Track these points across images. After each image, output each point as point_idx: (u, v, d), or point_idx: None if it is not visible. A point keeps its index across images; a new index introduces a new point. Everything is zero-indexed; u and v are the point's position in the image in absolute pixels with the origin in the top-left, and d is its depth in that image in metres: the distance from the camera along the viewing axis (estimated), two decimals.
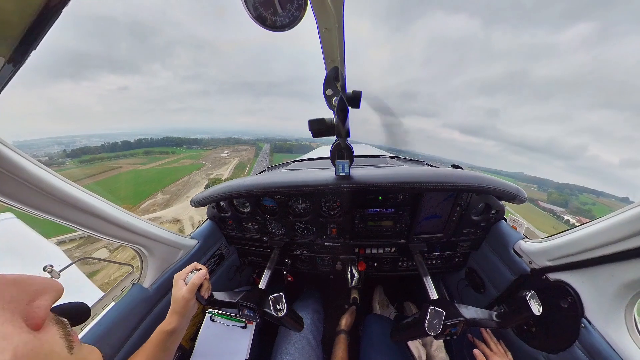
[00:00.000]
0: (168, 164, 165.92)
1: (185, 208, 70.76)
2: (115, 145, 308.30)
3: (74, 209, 0.85)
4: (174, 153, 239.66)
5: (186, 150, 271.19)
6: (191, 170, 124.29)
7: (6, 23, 0.49)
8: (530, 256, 1.14)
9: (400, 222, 1.51)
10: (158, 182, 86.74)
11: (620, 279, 0.81)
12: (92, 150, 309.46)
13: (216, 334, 1.26)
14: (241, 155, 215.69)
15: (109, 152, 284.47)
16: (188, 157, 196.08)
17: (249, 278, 2.28)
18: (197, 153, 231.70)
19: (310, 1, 0.59)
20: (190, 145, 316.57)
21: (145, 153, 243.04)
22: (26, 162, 0.72)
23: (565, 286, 0.97)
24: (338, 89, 0.92)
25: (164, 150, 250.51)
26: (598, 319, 0.87)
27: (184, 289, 0.95)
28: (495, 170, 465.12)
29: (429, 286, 1.25)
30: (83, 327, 0.94)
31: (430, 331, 0.92)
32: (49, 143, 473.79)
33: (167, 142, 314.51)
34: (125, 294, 1.11)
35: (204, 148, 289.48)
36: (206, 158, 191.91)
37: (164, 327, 0.93)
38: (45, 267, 0.88)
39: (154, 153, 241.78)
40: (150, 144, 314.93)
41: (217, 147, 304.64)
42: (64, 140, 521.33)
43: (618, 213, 0.78)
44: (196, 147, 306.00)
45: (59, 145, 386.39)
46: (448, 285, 2.03)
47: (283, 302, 1.03)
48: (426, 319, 0.94)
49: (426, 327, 0.93)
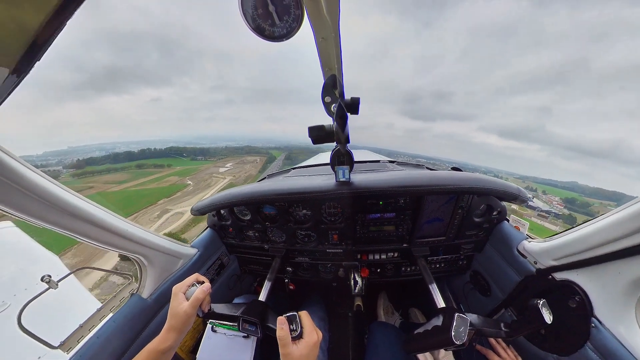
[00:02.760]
0: (146, 184, 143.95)
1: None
2: (117, 156, 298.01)
3: (72, 217, 0.84)
4: (169, 166, 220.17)
5: (187, 162, 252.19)
6: (169, 192, 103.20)
7: (11, 34, 0.50)
8: (534, 256, 1.13)
9: (402, 227, 1.50)
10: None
11: (627, 276, 0.79)
12: (98, 160, 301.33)
13: (218, 345, 1.23)
14: (242, 170, 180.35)
15: (112, 164, 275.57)
16: (178, 174, 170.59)
17: (249, 287, 2.24)
18: (194, 167, 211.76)
19: (307, 12, 0.61)
20: (195, 155, 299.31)
21: (137, 166, 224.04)
22: (25, 169, 0.71)
23: (573, 285, 0.95)
24: (336, 96, 0.94)
25: (159, 164, 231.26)
26: (608, 317, 0.85)
27: (186, 304, 0.87)
28: (546, 180, 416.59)
29: (435, 293, 1.22)
30: (79, 339, 0.91)
31: (457, 340, 0.87)
32: (93, 149, 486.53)
33: (171, 152, 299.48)
34: (124, 304, 1.09)
35: (208, 159, 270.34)
36: (198, 174, 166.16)
37: (158, 345, 0.83)
38: (43, 277, 0.87)
39: (147, 166, 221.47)
40: (153, 154, 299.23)
41: (224, 157, 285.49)
42: (107, 147, 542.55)
43: (622, 209, 0.78)
44: (201, 157, 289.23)
45: (100, 151, 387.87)
46: (453, 288, 1.99)
47: (297, 322, 0.90)
48: (452, 326, 0.89)
49: (453, 335, 0.88)
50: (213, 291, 1.65)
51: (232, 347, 1.21)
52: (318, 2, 0.62)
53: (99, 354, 0.91)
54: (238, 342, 1.23)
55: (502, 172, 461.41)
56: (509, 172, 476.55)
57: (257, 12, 0.59)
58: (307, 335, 0.80)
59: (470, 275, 1.67)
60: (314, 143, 1.09)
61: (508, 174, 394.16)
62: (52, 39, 0.55)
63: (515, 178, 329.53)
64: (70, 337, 0.94)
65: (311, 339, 0.80)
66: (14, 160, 0.68)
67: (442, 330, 0.94)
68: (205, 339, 1.24)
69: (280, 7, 0.58)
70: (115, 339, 0.97)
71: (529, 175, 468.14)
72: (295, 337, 0.81)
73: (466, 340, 0.88)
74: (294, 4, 0.59)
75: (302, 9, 0.60)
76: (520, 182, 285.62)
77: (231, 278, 1.86)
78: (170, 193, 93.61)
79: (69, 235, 0.86)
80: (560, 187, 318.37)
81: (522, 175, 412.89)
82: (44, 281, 0.87)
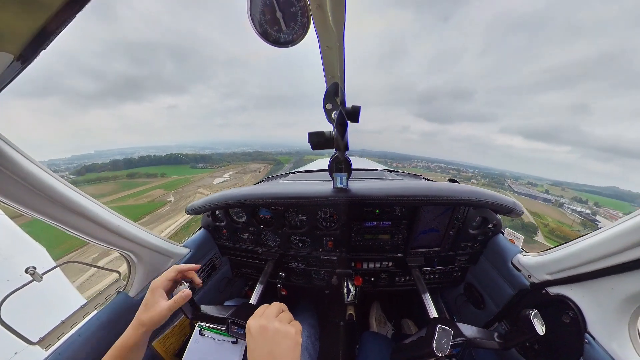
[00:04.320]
0: (125, 199, 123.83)
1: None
2: (116, 163, 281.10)
3: (63, 209, 0.81)
4: (162, 176, 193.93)
5: (184, 171, 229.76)
6: (142, 212, 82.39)
7: (18, 22, 0.51)
8: (529, 270, 1.13)
9: (397, 236, 1.50)
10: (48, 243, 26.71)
11: (621, 292, 0.80)
12: (98, 167, 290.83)
13: (205, 349, 1.18)
14: (239, 182, 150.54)
15: (110, 171, 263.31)
16: (165, 186, 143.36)
17: (240, 290, 2.19)
18: (189, 176, 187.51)
19: (313, 21, 0.63)
20: (196, 163, 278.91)
21: (128, 176, 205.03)
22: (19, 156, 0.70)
23: (566, 300, 0.95)
24: (337, 104, 0.96)
25: (152, 172, 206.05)
26: (601, 334, 0.85)
27: (164, 304, 0.80)
28: (581, 186, 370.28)
29: (428, 303, 1.21)
30: (60, 336, 0.88)
31: (439, 352, 0.87)
32: (115, 153, 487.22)
33: (171, 159, 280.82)
34: (109, 302, 1.05)
35: (209, 167, 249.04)
36: (187, 187, 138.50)
37: (126, 341, 0.77)
38: (27, 268, 0.84)
39: (139, 176, 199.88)
40: (152, 162, 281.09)
41: (226, 165, 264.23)
42: (128, 151, 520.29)
43: (617, 224, 0.79)
44: (202, 165, 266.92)
45: (120, 155, 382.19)
46: (447, 300, 1.97)
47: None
48: (434, 338, 0.90)
49: (434, 347, 0.88)
50: (203, 293, 1.62)
51: (220, 352, 1.17)
52: (324, 11, 0.65)
53: (79, 352, 0.87)
54: (226, 347, 1.19)
55: (530, 176, 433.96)
56: (537, 177, 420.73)
57: (265, 18, 0.61)
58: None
59: (464, 287, 1.66)
60: (313, 149, 1.10)
61: (537, 179, 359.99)
62: (60, 29, 0.55)
63: (550, 184, 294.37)
64: (50, 333, 0.90)
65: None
66: (9, 147, 0.68)
67: (425, 341, 0.94)
68: (192, 343, 1.20)
69: (287, 14, 0.60)
70: (98, 338, 0.93)
71: (562, 181, 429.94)
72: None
73: (453, 352, 0.88)
74: (301, 12, 0.61)
75: (309, 18, 0.62)
76: (557, 189, 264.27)
77: (222, 281, 1.83)
78: (143, 213, 71.19)
79: (60, 227, 0.84)
80: (604, 195, 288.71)
81: (556, 181, 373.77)
82: (28, 273, 0.84)
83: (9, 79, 0.61)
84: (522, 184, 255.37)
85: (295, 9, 0.60)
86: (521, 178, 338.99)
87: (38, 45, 0.56)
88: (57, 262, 1.05)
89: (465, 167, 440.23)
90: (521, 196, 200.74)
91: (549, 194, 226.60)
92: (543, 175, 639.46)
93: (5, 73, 0.56)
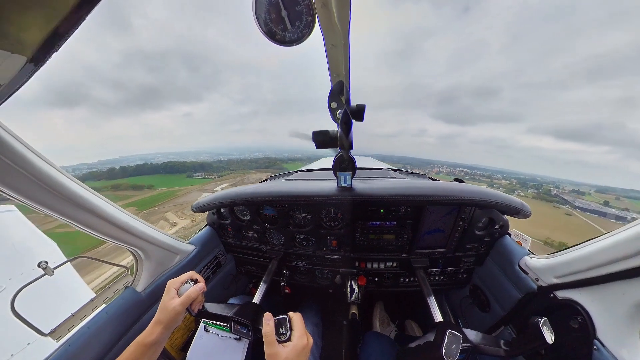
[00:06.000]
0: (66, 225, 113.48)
1: None
2: (112, 171, 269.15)
3: (74, 206, 0.84)
4: (149, 188, 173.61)
5: (176, 182, 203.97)
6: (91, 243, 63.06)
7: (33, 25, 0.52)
8: (536, 273, 1.10)
9: (402, 236, 1.49)
10: None
11: (632, 297, 0.77)
12: (97, 175, 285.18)
13: (209, 345, 1.20)
14: None
15: (107, 180, 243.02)
16: (139, 204, 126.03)
17: (244, 288, 2.22)
18: (177, 189, 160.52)
19: (319, 19, 0.63)
20: (193, 172, 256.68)
21: (113, 188, 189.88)
22: (32, 155, 0.72)
23: (575, 305, 0.93)
24: (342, 102, 0.96)
25: (139, 184, 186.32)
26: (611, 340, 0.83)
27: (177, 301, 0.86)
28: (627, 191, 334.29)
29: (433, 307, 1.20)
30: (70, 328, 0.90)
31: (448, 358, 0.86)
32: (136, 158, 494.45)
33: (168, 168, 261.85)
34: (117, 296, 1.08)
35: (207, 177, 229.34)
36: (164, 205, 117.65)
37: (144, 339, 0.82)
38: (40, 263, 0.87)
39: (123, 188, 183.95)
40: (148, 170, 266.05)
41: (224, 175, 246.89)
42: (149, 156, 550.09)
43: (628, 227, 0.76)
44: (200, 174, 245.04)
45: (140, 161, 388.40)
46: (452, 302, 1.95)
47: (287, 326, 0.89)
48: (444, 343, 0.88)
49: (444, 352, 0.87)
50: (208, 290, 1.64)
51: (223, 348, 1.19)
52: (329, 10, 0.64)
53: (88, 344, 0.90)
54: (230, 344, 1.20)
55: (564, 181, 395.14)
56: (574, 182, 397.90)
57: (270, 17, 0.61)
58: (297, 339, 0.78)
59: (469, 289, 1.64)
60: (317, 147, 1.10)
61: (573, 184, 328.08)
62: (71, 32, 0.57)
63: (596, 192, 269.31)
64: (61, 325, 0.93)
65: (300, 342, 0.77)
66: (22, 146, 0.70)
67: (434, 346, 0.92)
68: (196, 338, 1.22)
69: (292, 13, 0.60)
70: (106, 331, 0.96)
71: (606, 186, 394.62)
72: (283, 340, 0.78)
73: (458, 357, 0.86)
74: (306, 10, 0.61)
75: (314, 16, 0.62)
76: (610, 197, 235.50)
77: (227, 278, 1.85)
78: (91, 245, 52.02)
79: (70, 223, 0.86)
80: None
81: (599, 186, 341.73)
82: (40, 267, 0.87)
83: (23, 80, 0.63)
84: (565, 192, 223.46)
85: (301, 7, 0.60)
86: (555, 183, 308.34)
87: (50, 47, 0.57)
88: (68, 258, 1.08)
89: (490, 171, 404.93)
90: (586, 213, 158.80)
91: (619, 210, 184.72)
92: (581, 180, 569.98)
93: (19, 75, 0.58)
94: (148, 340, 0.82)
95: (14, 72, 0.56)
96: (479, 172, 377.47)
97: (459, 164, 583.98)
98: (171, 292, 0.89)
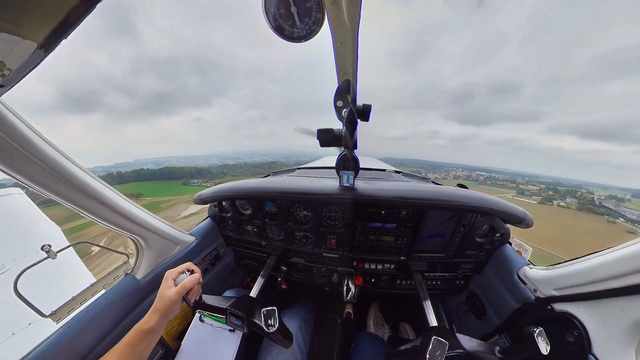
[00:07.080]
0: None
1: None
2: (110, 177, 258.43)
3: (79, 192, 0.85)
4: (137, 197, 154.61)
5: (168, 190, 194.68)
6: None
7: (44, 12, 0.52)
8: (535, 284, 1.09)
9: (401, 239, 1.48)
10: None
11: (631, 315, 0.76)
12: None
13: (203, 335, 1.22)
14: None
15: None
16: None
17: (242, 281, 2.24)
18: (158, 201, 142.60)
19: (328, 16, 0.62)
20: (190, 178, 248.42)
21: None
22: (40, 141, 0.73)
23: (572, 318, 0.92)
24: (348, 101, 0.95)
25: (128, 193, 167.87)
26: (606, 356, 0.82)
27: (173, 290, 0.89)
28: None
29: (428, 311, 1.19)
30: (70, 311, 0.92)
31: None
32: (150, 162, 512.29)
33: (164, 174, 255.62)
34: (117, 282, 1.10)
35: (203, 184, 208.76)
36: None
37: (142, 325, 0.85)
38: (43, 246, 0.88)
39: None
40: (145, 176, 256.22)
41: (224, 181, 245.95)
42: (161, 160, 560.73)
43: (630, 244, 0.75)
44: (196, 181, 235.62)
45: (153, 165, 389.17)
46: (447, 308, 1.95)
47: (276, 317, 0.96)
48: (428, 349, 0.89)
49: (427, 358, 0.88)
50: (205, 281, 1.67)
51: (217, 339, 1.21)
52: (339, 7, 0.64)
53: (87, 328, 0.91)
54: (224, 335, 1.22)
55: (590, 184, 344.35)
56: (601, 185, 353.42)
57: (279, 12, 0.61)
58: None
59: (466, 296, 1.63)
60: (321, 146, 1.10)
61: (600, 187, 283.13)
62: (81, 19, 0.57)
63: (633, 196, 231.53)
64: (61, 308, 0.96)
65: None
66: (32, 132, 0.71)
67: (418, 351, 0.92)
68: (192, 328, 1.24)
69: (302, 9, 0.60)
70: (104, 316, 0.98)
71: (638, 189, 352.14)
72: (271, 332, 0.87)
73: None
74: (316, 7, 0.60)
75: (323, 13, 0.61)
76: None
77: (225, 270, 1.87)
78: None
79: (74, 209, 0.88)
80: None
81: (635, 190, 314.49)
82: (43, 250, 0.89)
83: (32, 66, 0.63)
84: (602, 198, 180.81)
85: (310, 4, 0.60)
86: (584, 187, 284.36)
87: (60, 34, 0.58)
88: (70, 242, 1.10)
89: (508, 174, 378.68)
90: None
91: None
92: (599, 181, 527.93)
93: (29, 61, 0.59)
94: (146, 327, 0.84)
95: (25, 57, 0.57)
96: (498, 175, 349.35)
97: (474, 167, 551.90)
98: (168, 282, 0.91)
